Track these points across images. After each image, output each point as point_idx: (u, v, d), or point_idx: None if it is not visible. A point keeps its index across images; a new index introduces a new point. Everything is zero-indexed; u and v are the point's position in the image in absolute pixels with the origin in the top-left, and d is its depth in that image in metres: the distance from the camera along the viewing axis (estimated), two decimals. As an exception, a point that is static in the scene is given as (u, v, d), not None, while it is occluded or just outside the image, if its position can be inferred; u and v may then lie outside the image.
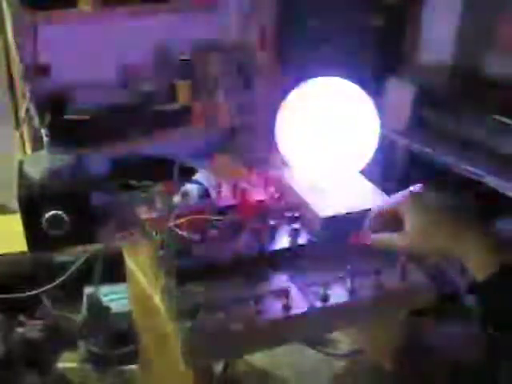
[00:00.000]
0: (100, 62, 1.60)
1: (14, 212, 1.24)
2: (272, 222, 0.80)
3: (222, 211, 0.83)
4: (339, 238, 0.78)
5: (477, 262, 0.64)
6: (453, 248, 0.66)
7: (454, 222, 0.68)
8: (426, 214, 0.69)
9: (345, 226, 0.78)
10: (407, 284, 0.76)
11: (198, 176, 0.93)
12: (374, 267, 0.75)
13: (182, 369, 0.67)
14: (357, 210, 0.81)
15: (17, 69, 1.44)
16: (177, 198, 0.86)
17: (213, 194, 0.88)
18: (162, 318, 0.72)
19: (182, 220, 0.79)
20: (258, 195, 0.86)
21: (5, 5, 1.41)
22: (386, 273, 0.75)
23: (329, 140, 0.88)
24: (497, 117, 1.44)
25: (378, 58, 1.84)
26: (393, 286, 0.75)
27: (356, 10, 1.91)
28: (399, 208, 0.71)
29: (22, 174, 1.22)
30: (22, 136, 1.55)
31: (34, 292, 1.14)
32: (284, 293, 0.70)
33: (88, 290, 1.15)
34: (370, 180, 0.93)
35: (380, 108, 0.92)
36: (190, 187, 0.89)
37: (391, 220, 0.72)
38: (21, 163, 1.26)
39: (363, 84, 0.91)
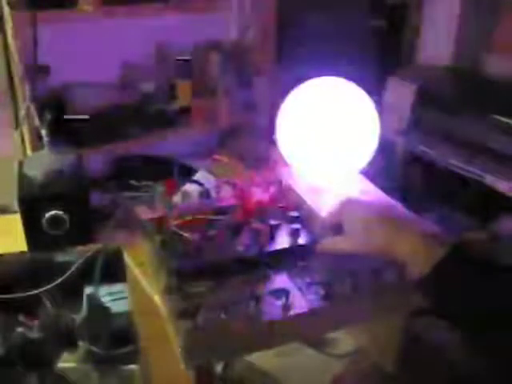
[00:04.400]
0: (100, 62, 1.59)
1: (14, 212, 1.24)
2: (272, 222, 0.80)
3: (222, 211, 0.83)
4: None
5: (418, 257, 0.65)
6: (392, 246, 0.68)
7: (389, 221, 0.70)
8: (363, 217, 0.72)
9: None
10: (408, 282, 0.75)
11: (197, 176, 0.93)
12: (372, 266, 0.75)
13: (182, 369, 0.67)
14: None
15: (17, 69, 1.44)
16: (177, 198, 0.86)
17: (213, 193, 0.88)
18: (162, 318, 0.72)
19: (181, 220, 0.79)
20: (258, 195, 0.86)
21: (5, 5, 1.41)
22: (385, 271, 0.75)
23: (329, 140, 0.88)
24: (497, 117, 1.43)
25: (378, 57, 1.84)
26: (393, 285, 0.75)
27: (356, 10, 1.91)
28: (339, 214, 0.75)
29: (22, 175, 1.22)
30: (22, 136, 1.55)
31: (33, 292, 1.14)
32: (284, 293, 0.70)
33: (88, 289, 1.15)
34: (370, 180, 0.93)
35: (380, 108, 0.92)
36: (190, 187, 0.89)
37: (334, 227, 0.75)
38: (21, 163, 1.26)
39: (363, 84, 0.91)
